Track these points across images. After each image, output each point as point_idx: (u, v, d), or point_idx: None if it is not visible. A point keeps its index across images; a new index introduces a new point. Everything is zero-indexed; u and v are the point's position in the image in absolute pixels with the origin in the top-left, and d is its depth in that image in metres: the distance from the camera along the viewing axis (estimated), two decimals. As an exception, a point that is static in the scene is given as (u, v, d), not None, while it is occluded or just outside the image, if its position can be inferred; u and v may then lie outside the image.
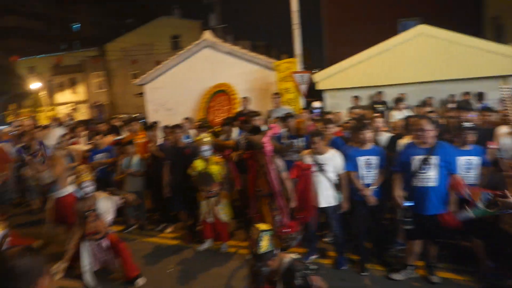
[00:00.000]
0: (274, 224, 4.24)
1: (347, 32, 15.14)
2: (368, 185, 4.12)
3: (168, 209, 6.09)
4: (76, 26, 43.12)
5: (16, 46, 35.98)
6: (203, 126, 6.69)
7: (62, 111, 30.25)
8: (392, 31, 10.88)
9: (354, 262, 4.44)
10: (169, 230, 6.05)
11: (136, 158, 5.91)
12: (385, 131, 5.27)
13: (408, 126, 4.69)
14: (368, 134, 4.09)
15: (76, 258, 4.42)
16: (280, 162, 4.47)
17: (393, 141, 4.77)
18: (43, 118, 23.05)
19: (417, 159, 3.66)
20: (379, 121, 4.97)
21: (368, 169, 4.12)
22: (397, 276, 3.98)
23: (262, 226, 2.59)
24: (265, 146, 4.30)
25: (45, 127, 9.96)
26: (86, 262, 4.25)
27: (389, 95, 9.09)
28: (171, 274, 4.60)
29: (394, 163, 4.00)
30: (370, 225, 4.26)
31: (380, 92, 9.26)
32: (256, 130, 4.95)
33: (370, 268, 4.29)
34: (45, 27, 41.14)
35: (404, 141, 4.40)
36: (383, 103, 9.14)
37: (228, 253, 5.04)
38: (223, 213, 4.97)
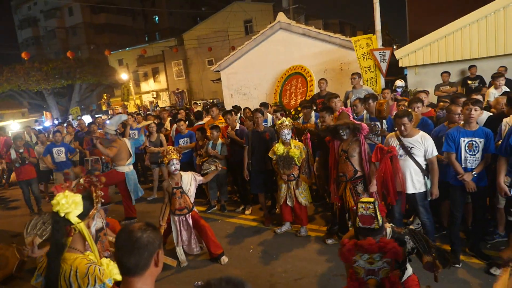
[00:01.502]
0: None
1: (433, 2, 13.76)
2: (468, 170, 3.74)
3: (247, 191, 6.29)
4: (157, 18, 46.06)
5: (107, 41, 39.91)
6: (278, 110, 6.70)
7: (147, 99, 32.86)
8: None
9: (444, 252, 4.13)
10: (248, 212, 6.25)
11: (219, 142, 6.17)
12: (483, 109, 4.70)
13: (512, 103, 4.12)
14: (476, 112, 3.65)
15: (167, 234, 4.83)
16: (367, 146, 4.29)
17: (493, 121, 4.25)
18: (132, 106, 25.24)
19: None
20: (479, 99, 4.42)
21: (471, 152, 3.73)
22: (498, 272, 3.59)
23: (368, 199, 2.46)
24: (363, 127, 4.15)
25: (134, 114, 10.91)
26: (176, 236, 4.61)
27: (485, 69, 8.08)
28: (253, 254, 4.76)
29: (497, 145, 3.55)
30: (466, 213, 3.89)
31: (473, 66, 8.27)
32: (330, 110, 4.82)
33: (464, 260, 3.94)
34: (130, 22, 44.79)
35: (509, 120, 3.89)
36: (477, 78, 8.15)
37: (307, 237, 5.04)
38: (303, 196, 4.96)
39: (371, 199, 2.46)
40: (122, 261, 1.41)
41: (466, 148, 3.74)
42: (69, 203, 1.90)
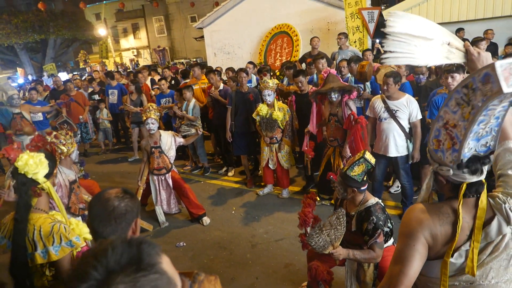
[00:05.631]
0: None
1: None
2: None
3: (230, 153, 6.23)
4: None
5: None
6: (262, 70, 6.47)
7: (127, 57, 31.58)
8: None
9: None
10: (230, 173, 6.23)
11: (192, 102, 5.96)
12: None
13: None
14: (453, 80, 3.57)
15: (147, 194, 4.79)
16: (353, 108, 4.22)
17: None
18: (111, 64, 24.25)
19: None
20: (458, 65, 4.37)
21: None
22: None
23: (369, 156, 2.43)
24: (354, 90, 4.07)
25: (113, 72, 10.45)
26: (155, 195, 4.58)
27: (472, 33, 7.98)
28: (235, 215, 4.79)
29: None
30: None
31: (461, 29, 8.16)
32: (304, 73, 4.73)
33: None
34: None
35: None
36: (464, 41, 8.05)
37: (289, 198, 5.09)
38: (285, 160, 4.93)
39: (373, 160, 2.44)
40: (97, 231, 1.32)
41: None
42: (36, 163, 1.82)
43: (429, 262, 1.32)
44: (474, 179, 1.25)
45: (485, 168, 1.25)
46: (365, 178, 2.42)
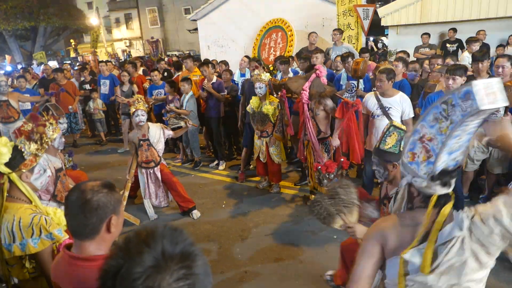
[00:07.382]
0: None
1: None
2: None
3: (221, 146, 6.19)
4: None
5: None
6: (254, 61, 6.39)
7: (120, 47, 31.15)
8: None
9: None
10: (221, 167, 6.20)
11: (189, 95, 5.89)
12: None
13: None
14: (455, 81, 3.49)
15: (135, 188, 4.74)
16: (330, 103, 4.20)
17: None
18: (103, 54, 23.89)
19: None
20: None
21: None
22: None
23: (397, 123, 2.23)
24: (303, 94, 3.99)
25: (105, 62, 10.30)
26: (144, 189, 4.53)
27: (465, 33, 8.05)
28: (225, 209, 4.77)
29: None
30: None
31: (453, 29, 8.21)
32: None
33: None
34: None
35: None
36: (457, 41, 8.13)
37: (279, 193, 5.09)
38: (276, 154, 4.90)
39: (403, 126, 2.31)
40: (68, 222, 1.28)
41: None
42: None
43: (388, 262, 1.40)
44: (444, 191, 1.31)
45: (453, 182, 1.32)
46: (401, 149, 2.15)
